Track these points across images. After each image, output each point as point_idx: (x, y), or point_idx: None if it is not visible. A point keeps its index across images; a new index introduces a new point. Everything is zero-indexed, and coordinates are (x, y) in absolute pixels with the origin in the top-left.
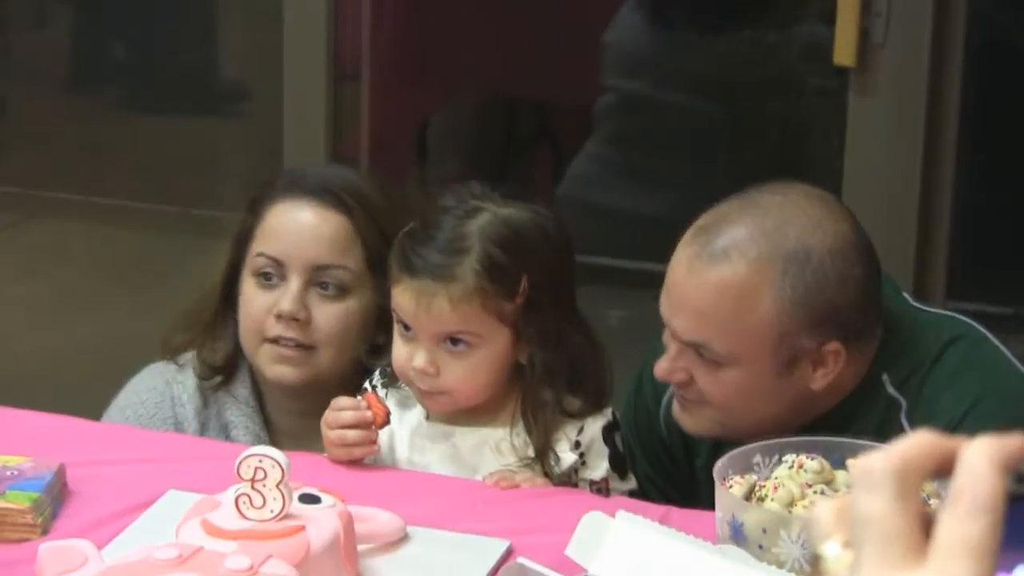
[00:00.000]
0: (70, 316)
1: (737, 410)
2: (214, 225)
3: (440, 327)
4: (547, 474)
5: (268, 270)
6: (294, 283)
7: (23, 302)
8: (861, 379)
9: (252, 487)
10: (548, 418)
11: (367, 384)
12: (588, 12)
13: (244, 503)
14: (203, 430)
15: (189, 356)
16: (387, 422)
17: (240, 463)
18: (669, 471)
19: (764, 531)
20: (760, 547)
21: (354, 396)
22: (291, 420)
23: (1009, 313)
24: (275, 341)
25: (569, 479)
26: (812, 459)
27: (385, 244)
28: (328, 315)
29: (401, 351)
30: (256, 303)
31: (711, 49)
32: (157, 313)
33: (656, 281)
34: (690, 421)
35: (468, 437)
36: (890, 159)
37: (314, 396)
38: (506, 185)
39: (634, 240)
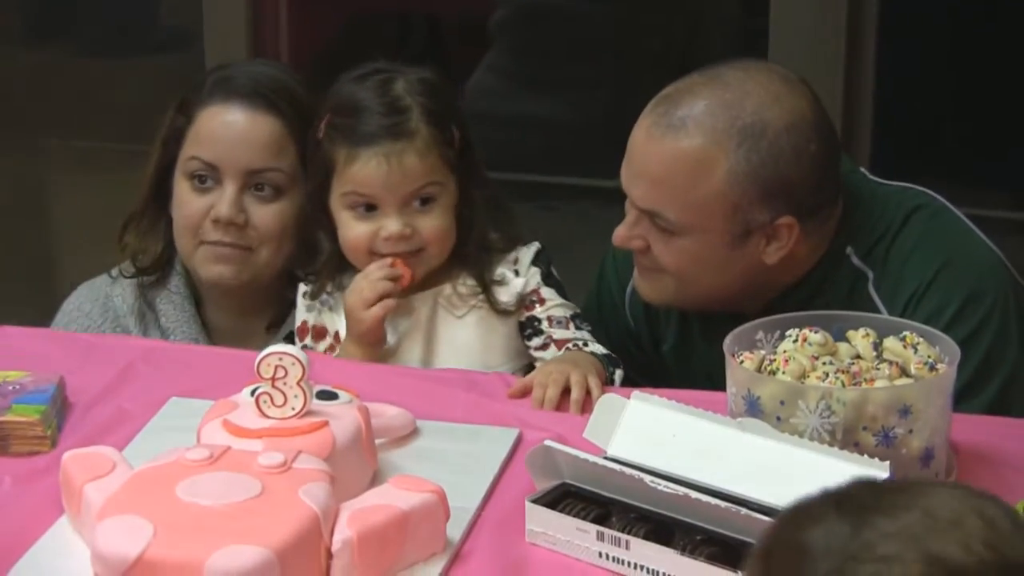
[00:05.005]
0: None
1: (690, 278)
2: None
3: (412, 184)
4: (496, 309)
5: (202, 173)
6: (230, 188)
7: None
8: (824, 253)
9: (273, 385)
10: (487, 254)
11: (300, 295)
12: None
13: (265, 402)
14: (145, 336)
15: (119, 268)
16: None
17: (260, 362)
18: (637, 359)
19: (781, 403)
20: (778, 419)
21: (285, 296)
22: (229, 320)
23: None
24: (213, 243)
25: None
26: (815, 332)
27: None
28: (265, 216)
29: (362, 231)
30: (192, 206)
31: None
32: None
33: (560, 193)
34: (647, 288)
35: (425, 301)
36: (812, 52)
37: (252, 295)
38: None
39: (541, 148)
